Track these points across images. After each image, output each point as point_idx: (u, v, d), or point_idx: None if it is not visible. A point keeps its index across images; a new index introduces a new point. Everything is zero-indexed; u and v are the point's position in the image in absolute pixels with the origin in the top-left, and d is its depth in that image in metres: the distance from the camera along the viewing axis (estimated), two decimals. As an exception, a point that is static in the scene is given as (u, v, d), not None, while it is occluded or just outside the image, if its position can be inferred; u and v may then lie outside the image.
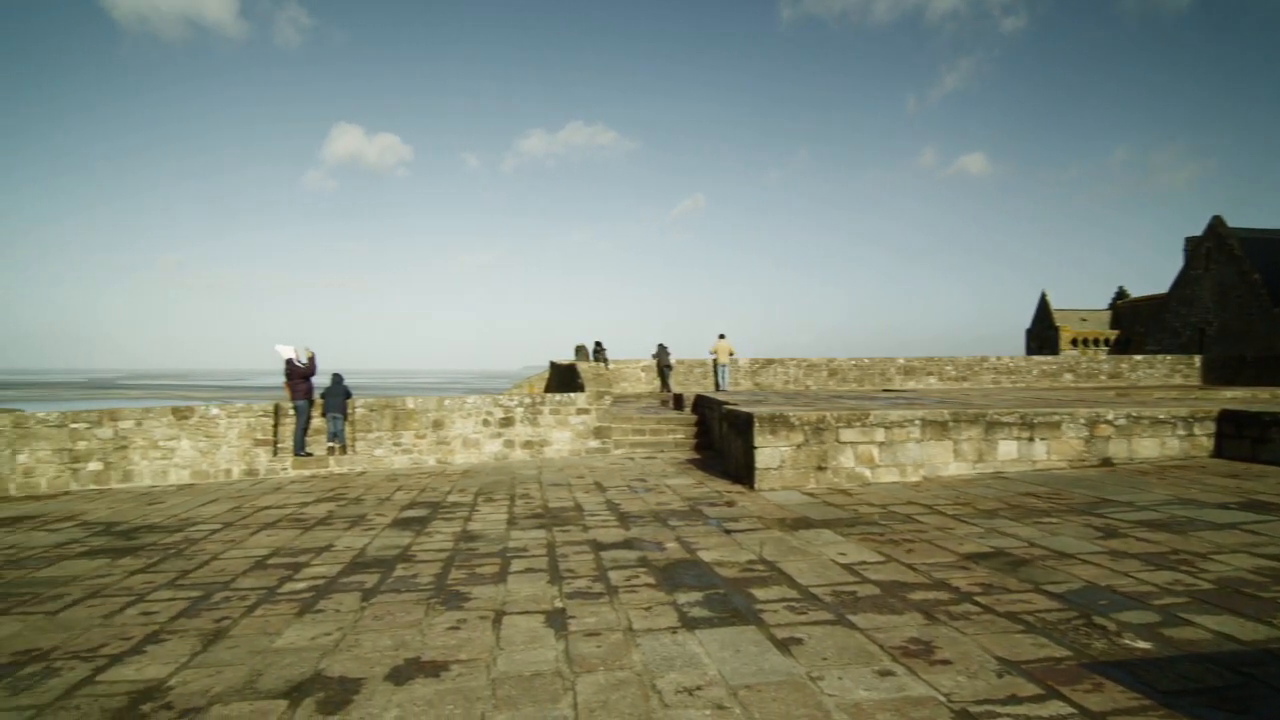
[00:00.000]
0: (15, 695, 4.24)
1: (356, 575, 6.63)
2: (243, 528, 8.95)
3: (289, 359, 13.93)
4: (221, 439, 13.58)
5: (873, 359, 31.00)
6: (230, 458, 13.61)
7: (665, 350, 27.49)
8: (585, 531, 8.11)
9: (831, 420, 10.55)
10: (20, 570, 7.18)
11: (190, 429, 13.48)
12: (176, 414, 13.55)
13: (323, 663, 4.58)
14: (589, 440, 15.31)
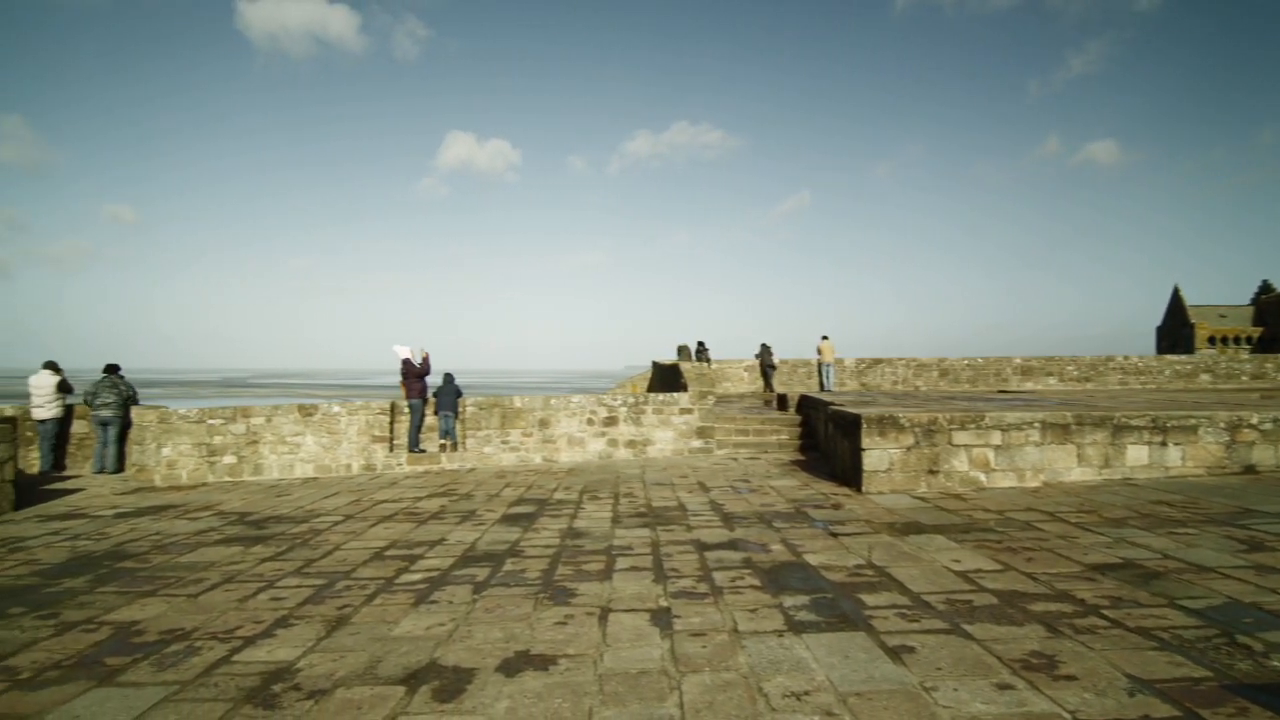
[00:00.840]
0: (162, 671, 4.57)
1: (468, 569, 6.83)
2: (362, 520, 9.37)
3: (405, 359, 14.51)
4: (342, 435, 14.27)
5: (987, 359, 29.79)
6: (350, 453, 14.28)
7: (768, 350, 27.19)
8: (689, 531, 8.11)
9: (944, 422, 10.19)
10: (165, 555, 7.73)
11: (314, 426, 14.22)
12: (302, 411, 14.32)
13: (437, 652, 4.75)
14: (692, 440, 15.30)
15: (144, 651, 4.91)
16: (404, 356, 14.52)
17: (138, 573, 7.02)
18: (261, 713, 3.95)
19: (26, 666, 4.71)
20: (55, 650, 4.99)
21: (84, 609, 5.90)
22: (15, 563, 7.57)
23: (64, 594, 6.36)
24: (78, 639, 5.20)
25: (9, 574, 7.10)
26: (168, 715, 3.95)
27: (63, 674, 4.57)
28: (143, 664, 4.69)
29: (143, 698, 4.18)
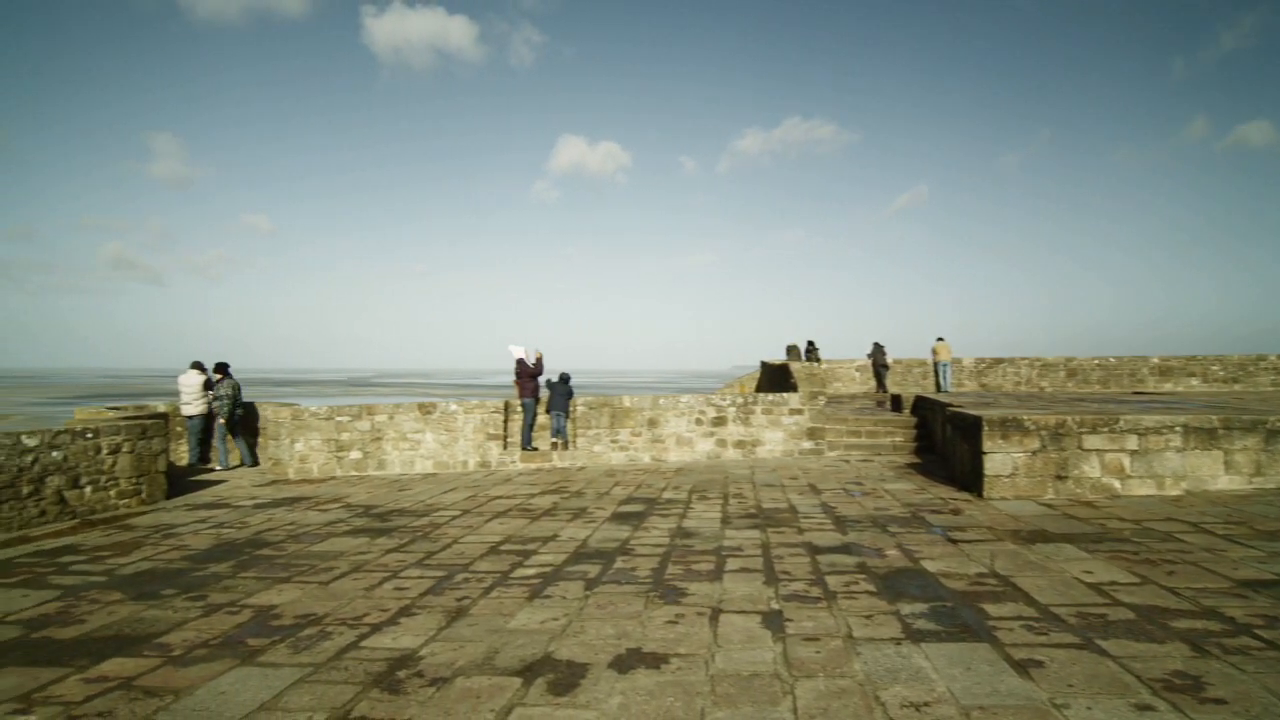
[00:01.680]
0: (297, 654, 4.85)
1: (580, 565, 6.94)
2: (478, 515, 9.67)
3: (520, 358, 14.89)
4: (459, 433, 14.77)
5: (1120, 358, 28.04)
6: (466, 450, 14.76)
7: (881, 349, 26.47)
8: (800, 534, 7.98)
9: (1073, 425, 9.65)
10: (299, 544, 8.20)
11: (433, 423, 14.78)
12: (422, 409, 14.91)
13: (551, 646, 4.84)
14: (802, 441, 15.06)
15: (281, 634, 5.22)
16: (519, 356, 14.90)
17: (275, 560, 7.47)
18: (387, 697, 4.13)
19: (178, 644, 5.08)
20: (203, 630, 5.37)
21: (228, 593, 6.33)
22: (168, 548, 8.19)
23: (210, 578, 6.83)
24: (222, 620, 5.58)
25: (163, 558, 7.70)
26: (302, 695, 4.19)
27: (210, 652, 4.91)
28: (280, 646, 4.99)
29: (280, 678, 4.45)
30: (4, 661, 4.83)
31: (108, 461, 10.74)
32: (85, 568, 7.36)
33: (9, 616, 5.80)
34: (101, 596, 6.30)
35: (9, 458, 9.39)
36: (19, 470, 9.49)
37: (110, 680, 4.48)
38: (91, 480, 10.48)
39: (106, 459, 10.73)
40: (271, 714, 3.96)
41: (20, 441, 9.62)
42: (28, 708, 4.12)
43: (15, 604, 6.13)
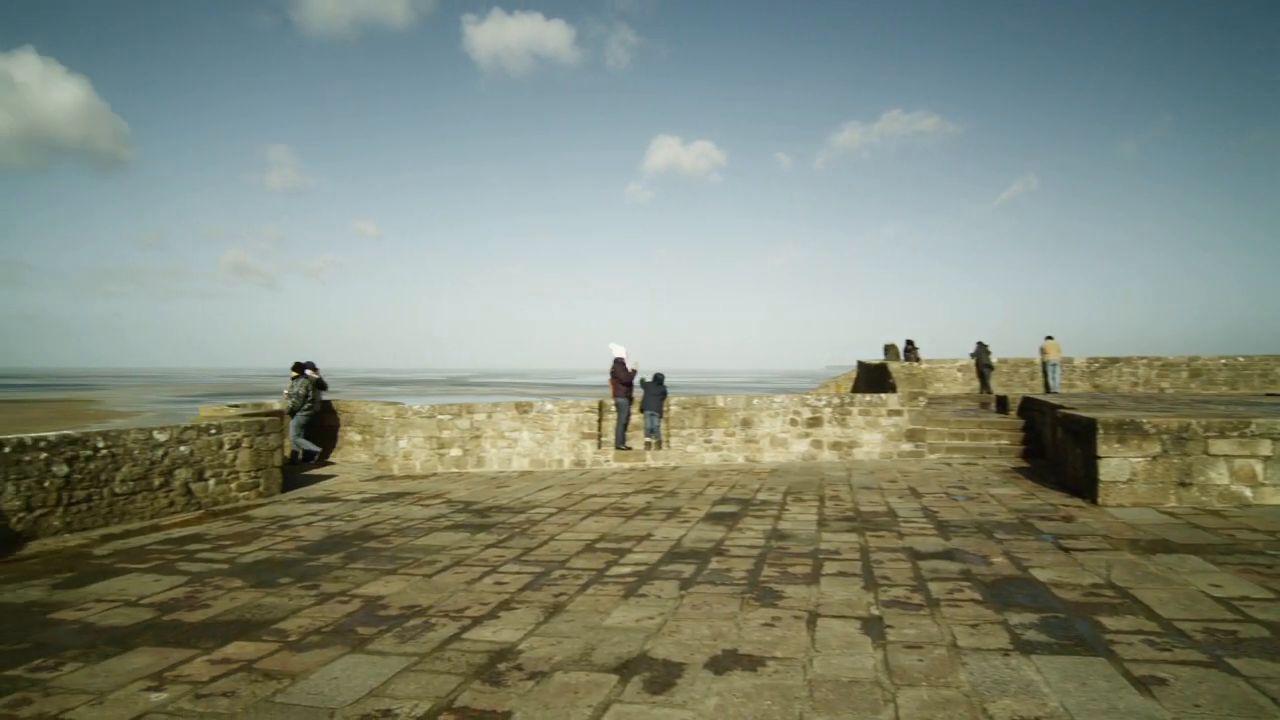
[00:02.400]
0: (403, 643, 5.02)
1: (674, 565, 6.95)
2: (574, 513, 9.81)
3: (619, 358, 15.01)
4: (554, 432, 15.02)
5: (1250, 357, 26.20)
6: (561, 449, 15.00)
7: (985, 348, 25.51)
8: (900, 539, 7.77)
9: (1198, 428, 9.06)
10: (404, 538, 8.50)
11: (529, 422, 15.08)
12: (518, 409, 15.23)
13: (647, 644, 4.87)
14: (901, 443, 14.66)
15: (388, 624, 5.43)
16: (618, 355, 15.03)
17: (381, 552, 7.77)
18: (489, 689, 4.23)
19: (294, 630, 5.35)
20: (316, 617, 5.63)
21: (338, 582, 6.62)
22: (283, 539, 8.62)
23: (322, 568, 7.16)
24: (334, 609, 5.84)
25: (279, 549, 8.11)
26: (409, 684, 4.33)
27: (323, 639, 5.14)
28: (387, 635, 5.18)
29: (388, 666, 4.62)
30: (138, 641, 5.19)
31: (229, 456, 11.39)
32: (209, 555, 7.82)
33: (142, 599, 6.23)
34: (224, 583, 6.69)
35: (142, 451, 10.08)
36: (151, 463, 10.17)
37: (233, 662, 4.75)
38: (215, 473, 11.14)
39: (228, 454, 11.38)
40: (380, 700, 4.12)
41: (152, 437, 10.31)
42: (160, 685, 4.41)
43: (148, 588, 6.57)
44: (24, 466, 8.61)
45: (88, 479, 9.31)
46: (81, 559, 7.78)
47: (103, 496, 9.49)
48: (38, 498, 8.72)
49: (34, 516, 8.66)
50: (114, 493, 9.64)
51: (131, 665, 4.73)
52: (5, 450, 8.47)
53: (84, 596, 6.35)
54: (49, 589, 6.62)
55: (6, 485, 8.42)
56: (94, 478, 9.39)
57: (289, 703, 4.12)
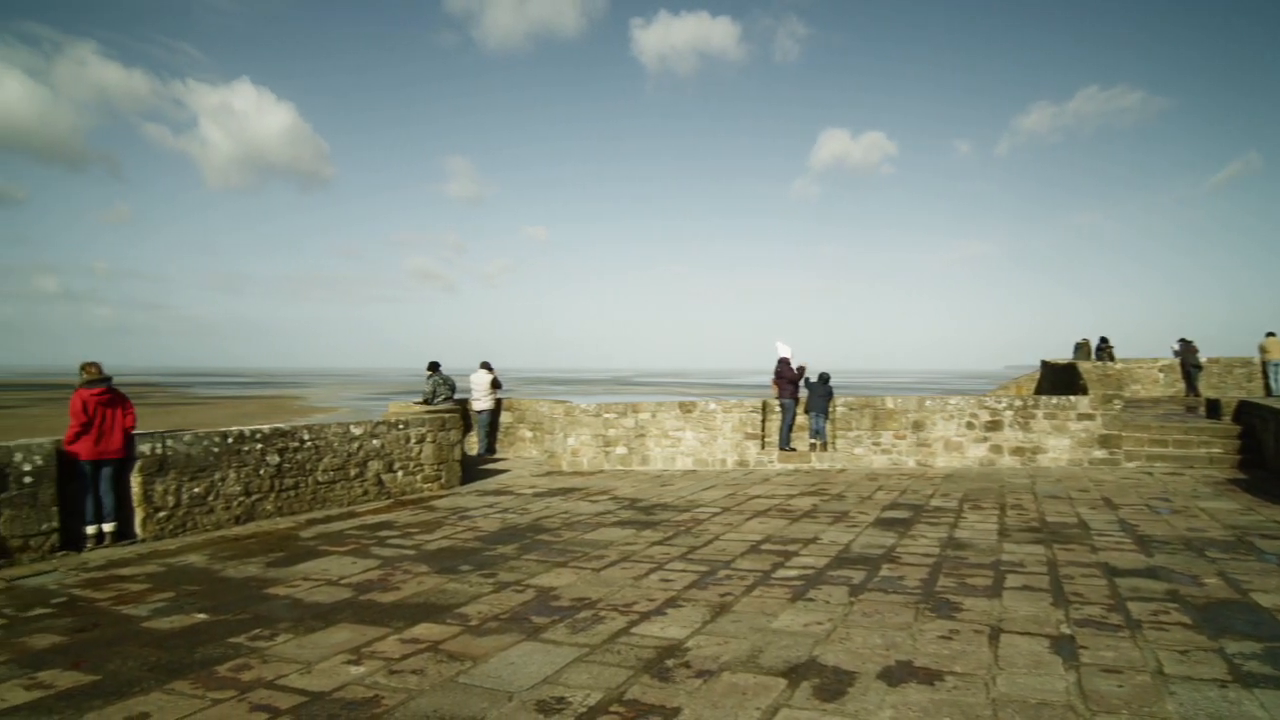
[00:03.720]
0: (575, 634, 5.18)
1: (843, 570, 6.77)
2: (738, 513, 9.76)
3: (783, 357, 14.81)
4: (718, 431, 15.02)
5: None
6: (725, 449, 14.98)
7: (1191, 347, 23.13)
8: (1094, 553, 7.18)
9: None
10: (573, 532, 8.78)
11: (693, 422, 15.17)
12: (682, 408, 15.35)
13: (816, 650, 4.76)
14: (1093, 449, 13.55)
15: (560, 615, 5.62)
16: (783, 355, 14.83)
17: (552, 545, 8.06)
18: (657, 684, 4.29)
19: (474, 616, 5.64)
20: (494, 605, 5.92)
21: (514, 572, 6.93)
22: (463, 529, 9.13)
23: (498, 558, 7.52)
24: (510, 597, 6.11)
25: (460, 538, 8.59)
26: (580, 674, 4.46)
27: (500, 626, 5.40)
28: (559, 625, 5.37)
29: (560, 655, 4.78)
30: (339, 618, 5.65)
31: (415, 450, 12.20)
32: (398, 542, 8.41)
33: (342, 580, 6.78)
34: (412, 568, 7.17)
35: (340, 444, 10.99)
36: (348, 455, 11.06)
37: (421, 643, 5.07)
38: (402, 465, 11.97)
39: (414, 447, 12.19)
40: (554, 688, 4.27)
41: (349, 431, 11.21)
42: (358, 660, 4.78)
43: (346, 570, 7.15)
44: (243, 456, 9.61)
45: (295, 468, 10.27)
46: (290, 540, 8.58)
47: (307, 484, 10.42)
48: (254, 484, 9.70)
49: (251, 501, 9.65)
50: (316, 481, 10.56)
51: (333, 639, 5.16)
52: (229, 441, 9.48)
53: (293, 575, 7.00)
54: (264, 566, 7.35)
55: (229, 472, 9.42)
56: (300, 467, 10.34)
57: (471, 684, 4.36)
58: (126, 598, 6.28)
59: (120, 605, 6.06)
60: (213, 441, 9.30)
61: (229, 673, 4.59)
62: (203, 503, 9.11)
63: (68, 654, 4.96)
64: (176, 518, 8.82)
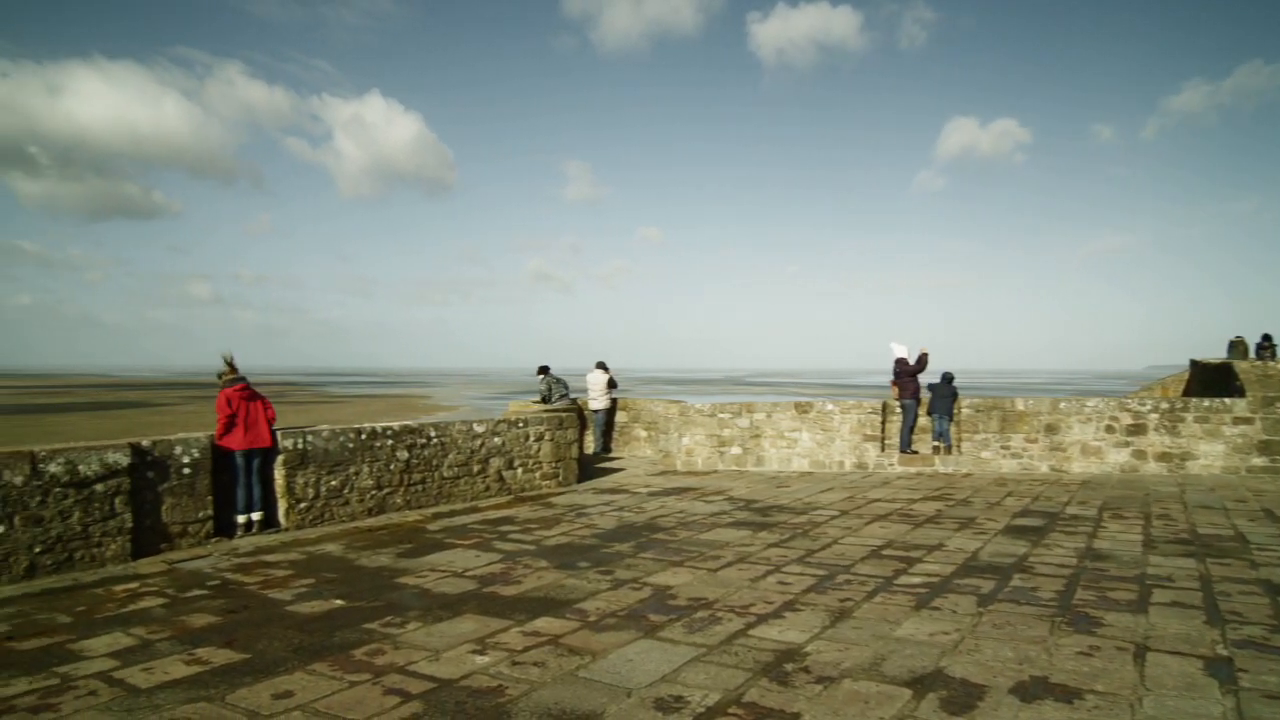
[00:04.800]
0: (691, 634, 5.18)
1: (970, 578, 6.49)
2: (856, 517, 9.52)
3: (901, 357, 14.37)
4: (835, 433, 14.70)
5: None
6: (842, 450, 14.64)
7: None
8: (1253, 569, 6.61)
9: None
10: (688, 532, 8.78)
11: (809, 423, 14.91)
12: (798, 409, 15.12)
13: (943, 660, 4.58)
14: (1250, 456, 12.48)
15: (676, 614, 5.63)
16: (899, 355, 14.39)
17: (668, 544, 8.09)
18: (776, 688, 4.23)
19: (593, 612, 5.73)
20: (611, 601, 5.99)
21: (630, 570, 6.99)
22: (580, 526, 9.29)
23: (615, 556, 7.61)
24: (627, 595, 6.17)
25: (577, 535, 8.75)
26: (698, 674, 4.46)
27: (618, 622, 5.46)
28: (676, 624, 5.38)
29: (677, 654, 4.79)
30: (464, 609, 5.85)
31: (534, 447, 12.51)
32: (519, 537, 8.64)
33: (466, 572, 7.02)
34: (532, 563, 7.35)
35: (464, 441, 11.40)
36: (471, 452, 11.46)
37: (542, 636, 5.19)
38: (522, 463, 12.29)
39: (533, 445, 12.51)
40: (672, 686, 4.28)
41: (472, 428, 11.61)
42: (483, 650, 4.94)
43: (471, 562, 7.40)
44: (375, 451, 10.11)
45: (422, 464, 10.72)
46: (418, 533, 8.96)
47: (433, 479, 10.86)
48: (385, 478, 10.19)
49: (382, 494, 10.14)
50: (442, 476, 10.99)
51: (459, 629, 5.36)
52: (362, 437, 10.00)
53: (420, 565, 7.30)
54: (394, 556, 7.70)
55: (363, 467, 9.93)
56: (427, 463, 10.79)
57: (591, 678, 4.43)
58: (272, 583, 6.72)
59: (267, 590, 6.49)
60: (348, 437, 9.83)
61: (364, 657, 4.83)
62: (339, 495, 9.64)
63: (221, 633, 5.35)
64: (315, 509, 9.37)
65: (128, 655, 4.92)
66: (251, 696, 4.24)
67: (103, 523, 7.39)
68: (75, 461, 7.23)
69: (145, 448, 7.87)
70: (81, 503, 7.25)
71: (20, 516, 6.86)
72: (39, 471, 7.00)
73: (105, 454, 7.45)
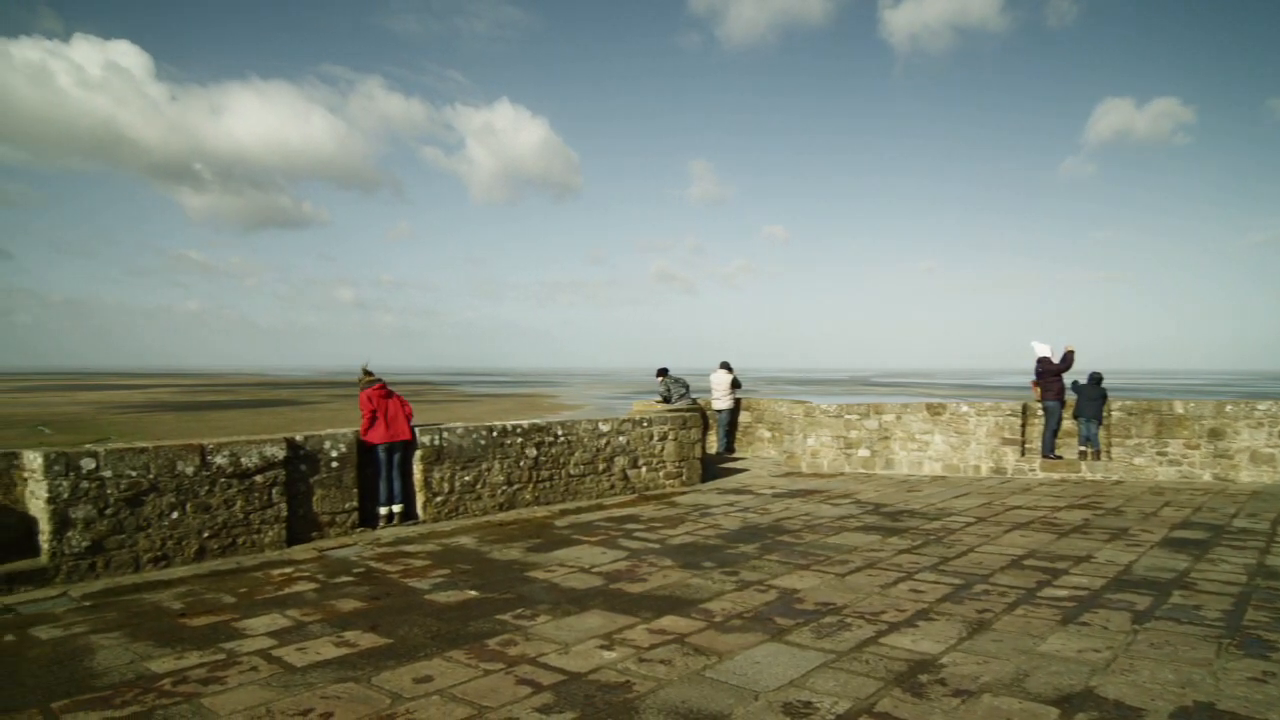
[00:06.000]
0: (819, 639, 5.08)
1: (1123, 593, 6.06)
2: (994, 524, 9.08)
3: (1043, 356, 13.60)
4: (970, 435, 14.07)
5: None
6: (978, 454, 13.99)
7: None
8: None
9: None
10: (814, 534, 8.62)
11: (942, 425, 14.32)
12: (930, 410, 14.55)
13: (1093, 680, 4.30)
14: None
15: (804, 618, 5.53)
16: (1042, 354, 13.61)
17: (794, 547, 7.96)
18: (910, 699, 4.09)
19: (718, 612, 5.71)
20: (736, 603, 5.95)
21: (756, 572, 6.92)
22: (704, 525, 9.28)
23: (740, 557, 7.55)
24: (753, 596, 6.12)
25: (701, 535, 8.74)
26: (827, 680, 4.36)
27: (744, 624, 5.42)
28: (803, 629, 5.29)
29: (806, 659, 4.70)
30: (591, 604, 5.96)
31: (657, 447, 12.60)
32: (644, 535, 8.72)
33: (593, 568, 7.14)
34: (657, 561, 7.40)
35: (590, 439, 11.61)
36: (596, 450, 11.66)
37: (668, 634, 5.22)
38: (646, 462, 12.40)
39: (657, 444, 12.60)
40: (800, 691, 4.20)
41: (597, 427, 11.81)
42: (610, 645, 5.01)
43: (597, 559, 7.53)
44: (506, 448, 10.44)
45: (550, 461, 10.99)
46: (546, 528, 9.19)
47: (560, 477, 11.12)
48: (515, 474, 10.51)
49: (512, 490, 10.46)
50: (569, 474, 11.23)
51: (587, 624, 5.45)
52: (494, 434, 10.35)
53: (549, 560, 7.49)
54: (524, 551, 7.93)
55: (494, 463, 10.28)
56: (554, 460, 11.05)
57: (717, 679, 4.41)
58: (411, 572, 7.05)
59: (406, 578, 6.82)
60: (480, 435, 10.20)
61: (497, 646, 5.00)
62: (471, 490, 10.02)
63: (366, 618, 5.66)
64: (450, 503, 9.77)
65: (284, 635, 5.29)
66: (395, 679, 4.46)
67: (261, 511, 7.97)
68: (238, 454, 7.83)
69: (298, 442, 8.43)
70: (243, 492, 7.84)
71: (191, 504, 7.49)
72: (207, 463, 7.62)
73: (264, 447, 8.02)
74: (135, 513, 7.15)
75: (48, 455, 6.78)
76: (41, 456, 6.78)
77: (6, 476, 7.02)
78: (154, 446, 7.39)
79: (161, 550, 7.29)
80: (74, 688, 4.40)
